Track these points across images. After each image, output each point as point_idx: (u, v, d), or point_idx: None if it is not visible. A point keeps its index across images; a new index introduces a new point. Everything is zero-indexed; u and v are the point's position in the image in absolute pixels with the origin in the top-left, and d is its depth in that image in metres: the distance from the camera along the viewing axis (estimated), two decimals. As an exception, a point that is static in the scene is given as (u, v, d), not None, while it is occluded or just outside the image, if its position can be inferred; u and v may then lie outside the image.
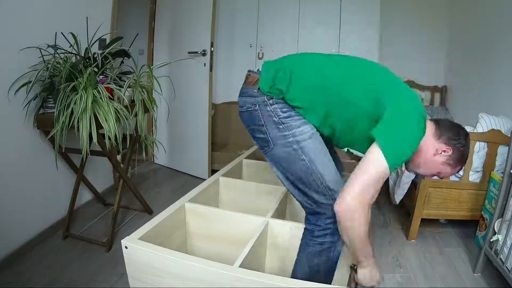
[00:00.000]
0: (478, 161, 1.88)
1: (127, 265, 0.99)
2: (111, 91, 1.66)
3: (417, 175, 1.98)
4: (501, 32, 2.48)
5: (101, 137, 1.56)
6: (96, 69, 1.64)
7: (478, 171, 1.91)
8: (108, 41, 1.91)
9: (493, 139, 1.83)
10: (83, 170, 1.93)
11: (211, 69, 2.67)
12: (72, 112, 1.47)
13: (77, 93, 1.47)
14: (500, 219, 1.56)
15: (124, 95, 1.66)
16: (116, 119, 1.55)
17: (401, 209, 2.36)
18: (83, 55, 1.71)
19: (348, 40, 3.29)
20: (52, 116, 1.52)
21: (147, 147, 2.14)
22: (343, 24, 3.30)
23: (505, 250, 1.46)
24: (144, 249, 0.94)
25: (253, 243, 1.00)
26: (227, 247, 1.19)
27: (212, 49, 2.63)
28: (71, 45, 1.69)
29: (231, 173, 1.67)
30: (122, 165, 1.98)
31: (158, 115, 2.55)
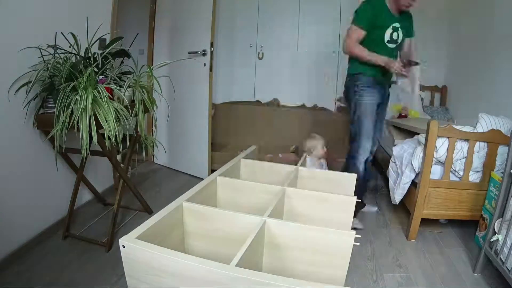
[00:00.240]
0: (478, 161, 1.88)
1: (124, 264, 0.99)
2: (111, 91, 1.66)
3: (416, 175, 1.99)
4: (501, 32, 2.48)
5: (101, 137, 1.56)
6: (96, 69, 1.64)
7: (478, 171, 1.91)
8: (108, 41, 1.91)
9: (493, 139, 1.83)
10: (83, 170, 1.93)
11: (211, 69, 2.67)
12: (72, 112, 1.47)
13: (77, 93, 1.47)
14: (500, 219, 1.56)
15: (124, 95, 1.66)
16: (116, 119, 1.55)
17: (401, 209, 2.36)
18: (83, 55, 1.71)
19: (348, 40, 3.29)
20: (52, 116, 1.52)
21: (147, 147, 2.14)
22: (343, 24, 3.30)
23: (505, 250, 1.47)
24: (141, 248, 0.94)
25: (250, 242, 1.00)
26: (225, 246, 1.19)
27: (212, 49, 2.64)
28: (71, 45, 1.69)
29: (229, 172, 1.67)
30: (122, 165, 1.98)
31: (158, 115, 2.55)
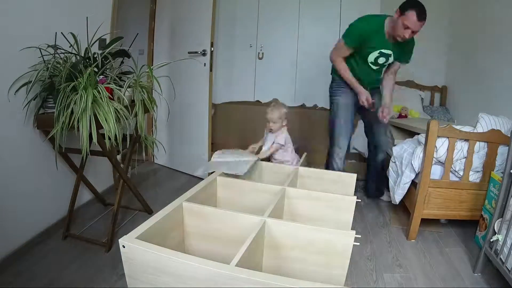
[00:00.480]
0: (478, 161, 1.88)
1: (124, 264, 0.99)
2: (111, 91, 1.66)
3: (416, 175, 1.99)
4: (501, 32, 2.48)
5: (101, 137, 1.56)
6: (96, 69, 1.63)
7: (478, 171, 1.91)
8: (108, 41, 1.91)
9: (493, 139, 1.83)
10: (83, 170, 1.93)
11: (211, 69, 2.67)
12: (72, 112, 1.47)
13: (77, 93, 1.47)
14: (500, 219, 1.56)
15: (124, 95, 1.66)
16: (116, 119, 1.55)
17: (401, 209, 2.36)
18: (83, 55, 1.71)
19: (348, 40, 3.29)
20: (52, 116, 1.52)
21: (147, 147, 2.14)
22: (343, 24, 3.29)
23: (505, 250, 1.47)
24: (141, 248, 0.94)
25: (249, 242, 1.00)
26: (225, 246, 1.19)
27: (212, 49, 2.64)
28: (71, 45, 1.69)
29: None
30: (122, 165, 1.98)
31: (158, 115, 2.55)
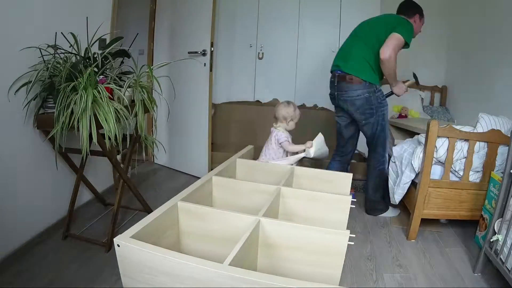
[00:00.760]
0: (478, 161, 1.88)
1: (119, 263, 0.99)
2: (111, 91, 1.66)
3: (416, 175, 1.99)
4: (501, 32, 2.48)
5: (101, 137, 1.56)
6: (96, 69, 1.63)
7: (478, 171, 1.91)
8: (108, 41, 1.91)
9: (493, 139, 1.83)
10: (83, 170, 1.93)
11: (211, 69, 2.67)
12: (72, 112, 1.47)
13: (77, 93, 1.47)
14: (500, 219, 1.56)
15: (124, 95, 1.66)
16: (116, 119, 1.55)
17: (401, 209, 2.36)
18: (83, 55, 1.71)
19: (348, 40, 3.29)
20: (52, 116, 1.52)
21: (147, 147, 2.14)
22: (343, 24, 3.30)
23: (505, 250, 1.47)
24: (136, 248, 0.94)
25: (243, 242, 1.00)
26: (220, 245, 1.19)
27: (212, 49, 2.64)
28: (71, 45, 1.69)
29: (224, 172, 1.67)
30: (122, 165, 1.98)
31: (158, 115, 2.55)
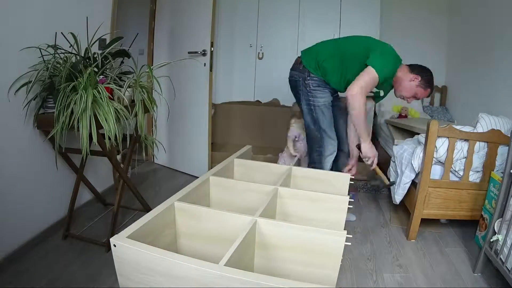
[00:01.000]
0: (478, 161, 1.88)
1: (116, 263, 0.99)
2: (111, 91, 1.66)
3: (416, 175, 1.99)
4: (501, 32, 2.48)
5: (101, 137, 1.56)
6: (96, 69, 1.63)
7: (478, 171, 1.91)
8: (108, 41, 1.91)
9: (493, 139, 1.83)
10: (83, 170, 1.93)
11: (211, 69, 2.67)
12: (72, 112, 1.47)
13: (77, 93, 1.47)
14: (500, 219, 1.56)
15: (124, 95, 1.66)
16: (116, 119, 1.55)
17: (401, 209, 2.36)
18: (83, 55, 1.71)
19: (348, 40, 3.29)
20: (52, 116, 1.52)
21: (147, 147, 2.14)
22: (343, 24, 3.30)
23: (505, 250, 1.47)
24: (131, 247, 0.94)
25: (239, 242, 1.00)
26: (216, 246, 1.19)
27: (212, 49, 2.64)
28: (71, 45, 1.69)
29: (222, 172, 1.67)
30: (122, 165, 1.98)
31: (158, 115, 2.55)
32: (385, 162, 2.50)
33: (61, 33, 1.68)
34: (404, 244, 1.95)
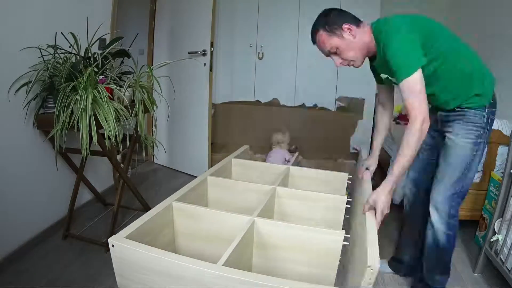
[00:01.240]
0: (478, 161, 1.88)
1: (114, 263, 1.00)
2: (111, 91, 1.66)
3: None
4: (501, 32, 2.48)
5: (101, 137, 1.56)
6: (96, 69, 1.64)
7: (478, 171, 1.90)
8: (108, 41, 1.91)
9: (493, 139, 1.83)
10: (83, 170, 1.93)
11: (211, 69, 2.67)
12: (72, 112, 1.47)
13: (77, 93, 1.47)
14: (500, 219, 1.56)
15: (124, 95, 1.66)
16: (116, 119, 1.55)
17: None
18: (83, 55, 1.71)
19: (348, 40, 3.29)
20: (52, 116, 1.52)
21: (147, 147, 2.14)
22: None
23: (505, 250, 1.47)
24: (129, 247, 0.95)
25: (237, 242, 1.00)
26: (214, 246, 1.19)
27: (212, 49, 2.64)
28: (71, 45, 1.69)
29: (220, 172, 1.66)
30: (122, 165, 1.98)
31: (158, 115, 2.55)
32: (385, 162, 2.50)
33: (61, 33, 1.68)
34: (404, 244, 1.94)
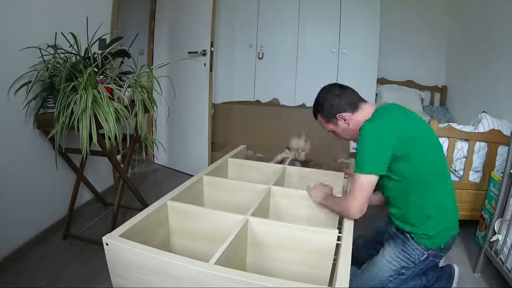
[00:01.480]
0: (478, 161, 1.88)
1: (108, 262, 1.00)
2: (111, 91, 1.66)
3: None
4: (501, 32, 2.48)
5: (101, 137, 1.56)
6: (96, 69, 1.64)
7: (478, 171, 1.91)
8: (108, 41, 1.91)
9: (493, 139, 1.83)
10: (83, 170, 1.93)
11: (211, 69, 2.67)
12: (72, 112, 1.47)
13: (77, 93, 1.47)
14: (500, 219, 1.56)
15: (124, 95, 1.66)
16: (116, 119, 1.55)
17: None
18: (83, 55, 1.71)
19: (348, 40, 3.30)
20: (52, 116, 1.52)
21: (147, 147, 2.14)
22: (343, 24, 3.30)
23: (505, 250, 1.47)
24: (123, 246, 0.95)
25: (230, 241, 1.00)
26: (209, 245, 1.20)
27: (212, 49, 2.64)
28: (71, 45, 1.69)
29: (216, 172, 1.67)
30: (122, 165, 1.98)
31: (158, 115, 2.55)
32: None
33: (61, 33, 1.68)
34: (404, 244, 1.95)
